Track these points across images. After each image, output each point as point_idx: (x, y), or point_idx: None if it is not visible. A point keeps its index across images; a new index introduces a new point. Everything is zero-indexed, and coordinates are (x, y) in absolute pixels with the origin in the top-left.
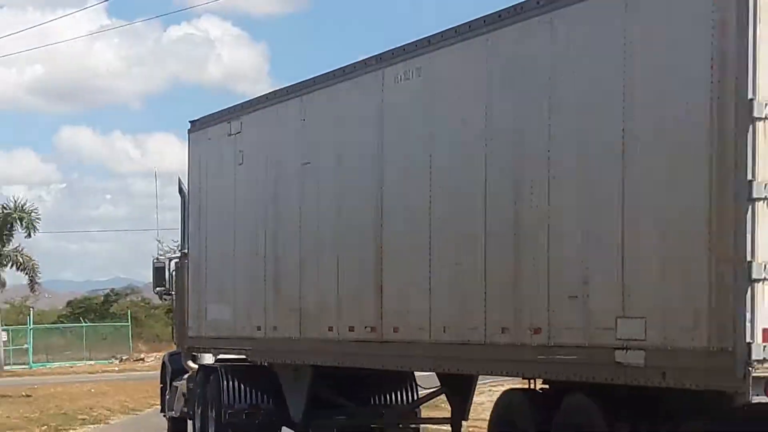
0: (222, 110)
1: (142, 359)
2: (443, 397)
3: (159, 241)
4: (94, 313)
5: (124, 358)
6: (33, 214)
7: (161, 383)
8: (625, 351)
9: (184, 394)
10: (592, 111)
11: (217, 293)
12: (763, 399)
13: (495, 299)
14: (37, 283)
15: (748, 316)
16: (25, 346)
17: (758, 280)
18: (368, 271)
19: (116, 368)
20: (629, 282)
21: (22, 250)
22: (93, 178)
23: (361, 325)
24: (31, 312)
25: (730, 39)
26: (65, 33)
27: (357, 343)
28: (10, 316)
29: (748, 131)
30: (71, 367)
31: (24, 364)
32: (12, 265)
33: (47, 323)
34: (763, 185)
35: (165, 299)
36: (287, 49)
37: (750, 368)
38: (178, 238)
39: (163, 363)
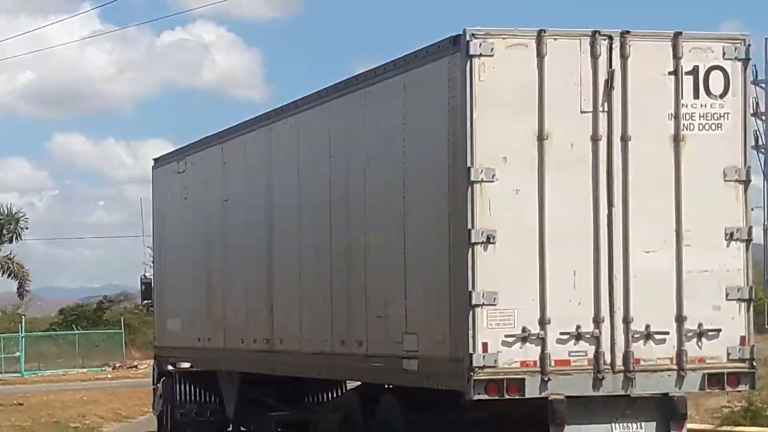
0: (175, 150)
1: (136, 366)
2: None
3: (150, 247)
4: (87, 320)
5: (117, 365)
6: (21, 221)
7: (152, 385)
8: (408, 360)
9: (160, 395)
10: (386, 169)
11: (172, 309)
12: (483, 396)
13: (337, 319)
14: (26, 290)
15: (470, 333)
16: (17, 354)
17: (477, 306)
18: (264, 295)
19: (109, 376)
20: (409, 306)
21: (13, 257)
22: (86, 185)
23: (260, 338)
24: (23, 320)
25: (457, 120)
26: (57, 39)
27: (258, 352)
28: (1, 324)
29: (467, 191)
30: (64, 375)
31: (16, 372)
32: (3, 273)
33: (39, 331)
34: (480, 232)
35: (151, 311)
36: (281, 53)
37: (472, 373)
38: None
39: (153, 367)
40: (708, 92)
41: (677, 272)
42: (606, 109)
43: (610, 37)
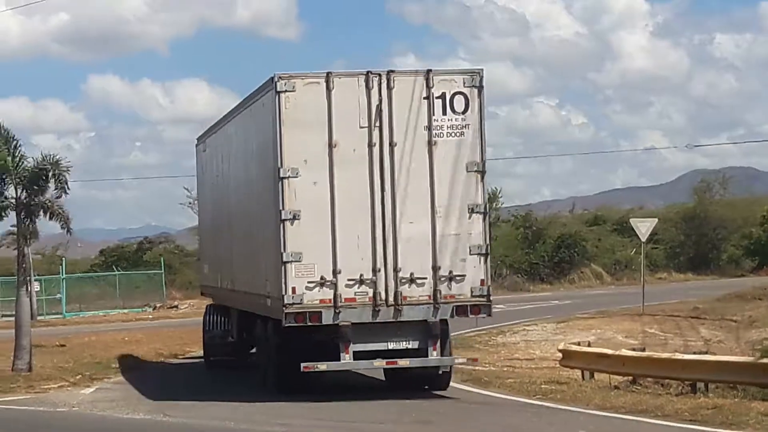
0: (203, 132)
1: (176, 306)
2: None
3: (187, 188)
4: (127, 261)
5: (157, 305)
6: (66, 171)
7: None
8: (267, 298)
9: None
10: (249, 167)
11: (207, 256)
12: (293, 324)
13: (241, 270)
14: (71, 229)
15: (283, 281)
16: (59, 295)
17: (287, 262)
18: (227, 250)
19: (150, 316)
20: (264, 263)
21: (55, 200)
22: (122, 126)
23: (229, 281)
24: (64, 261)
25: (277, 133)
26: None
27: (228, 291)
28: (42, 266)
29: (278, 184)
30: (104, 316)
31: (57, 313)
32: (46, 215)
33: (80, 272)
34: (288, 212)
35: None
36: None
37: (284, 308)
38: None
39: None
40: (453, 110)
41: (432, 236)
42: (378, 124)
43: (380, 75)
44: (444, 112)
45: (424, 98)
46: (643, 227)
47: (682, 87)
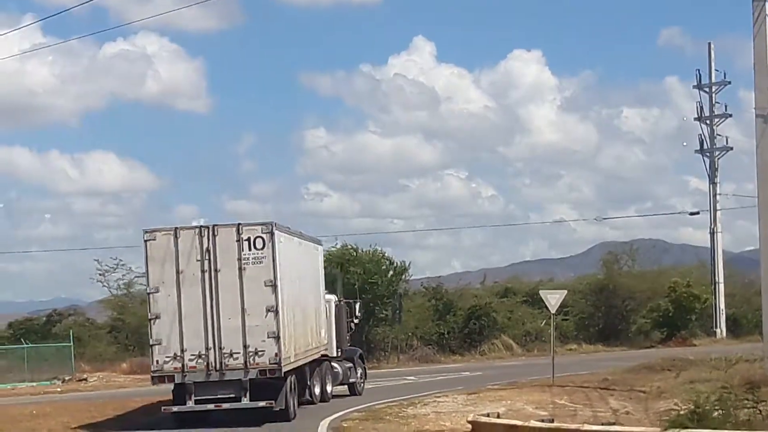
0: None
1: (85, 379)
2: None
3: (98, 261)
4: (36, 334)
5: (66, 378)
6: None
7: None
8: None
9: None
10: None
11: None
12: (161, 384)
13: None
14: None
15: (153, 356)
16: None
17: (153, 345)
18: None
19: (59, 389)
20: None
21: None
22: (32, 198)
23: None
24: None
25: (145, 265)
26: None
27: None
28: None
29: (148, 297)
30: (13, 389)
31: None
32: None
33: None
34: (153, 314)
35: None
36: (225, 64)
37: (151, 373)
38: (117, 256)
39: None
40: (255, 248)
41: (243, 327)
42: (207, 258)
43: (208, 228)
44: (249, 249)
45: (236, 241)
46: (553, 299)
47: (590, 160)
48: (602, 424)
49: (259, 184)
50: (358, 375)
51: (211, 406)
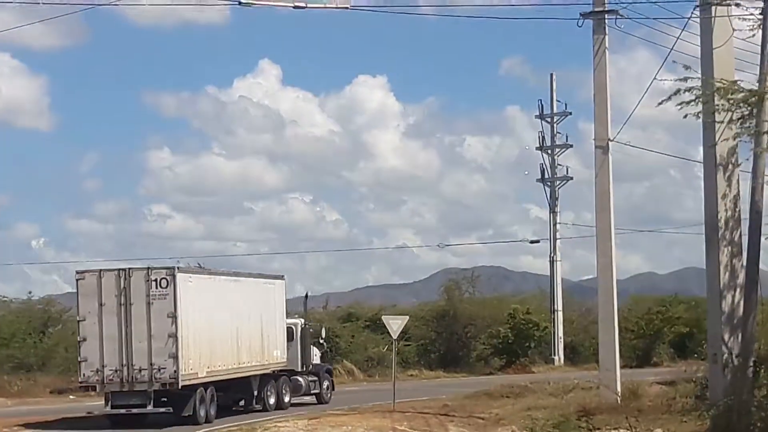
0: None
1: None
2: None
3: None
4: None
5: None
6: None
7: None
8: None
9: None
10: None
11: None
12: (84, 392)
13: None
14: None
15: (78, 370)
16: None
17: (80, 362)
18: None
19: None
20: None
21: None
22: None
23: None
24: None
25: (76, 299)
26: None
27: None
28: None
29: (77, 324)
30: None
31: None
32: None
33: None
34: (81, 337)
35: None
36: (69, 81)
37: (79, 383)
38: None
39: None
40: (160, 286)
41: (149, 348)
42: (124, 293)
43: (126, 270)
44: (156, 288)
45: (146, 281)
46: (395, 324)
47: (433, 187)
48: None
49: (102, 203)
50: (324, 387)
51: (123, 411)
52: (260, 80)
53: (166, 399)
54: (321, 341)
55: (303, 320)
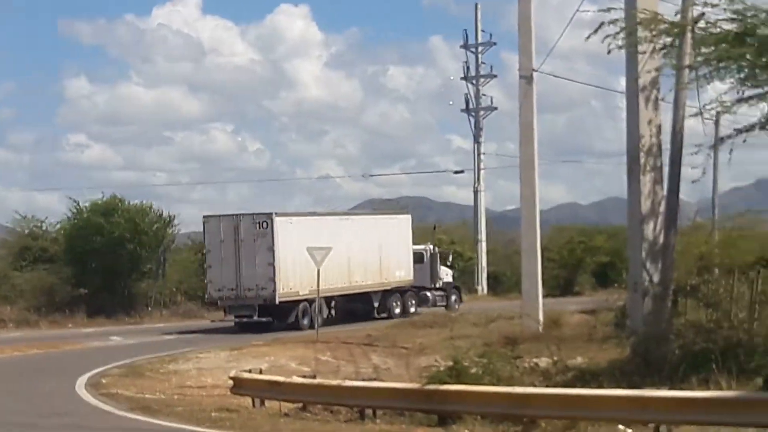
0: None
1: None
2: None
3: None
4: None
5: None
6: None
7: None
8: None
9: None
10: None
11: None
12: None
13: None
14: None
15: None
16: None
17: (207, 283)
18: None
19: None
20: None
21: None
22: None
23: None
24: None
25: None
26: None
27: None
28: None
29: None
30: None
31: None
32: None
33: None
34: (208, 264)
35: None
36: None
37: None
38: None
39: None
40: (262, 227)
41: (254, 273)
42: (237, 232)
43: (238, 216)
44: (258, 228)
45: (252, 223)
46: (319, 255)
47: (356, 117)
48: (363, 380)
49: (18, 133)
50: (452, 300)
51: (236, 320)
52: (180, 8)
53: (269, 311)
54: (448, 263)
55: (432, 246)
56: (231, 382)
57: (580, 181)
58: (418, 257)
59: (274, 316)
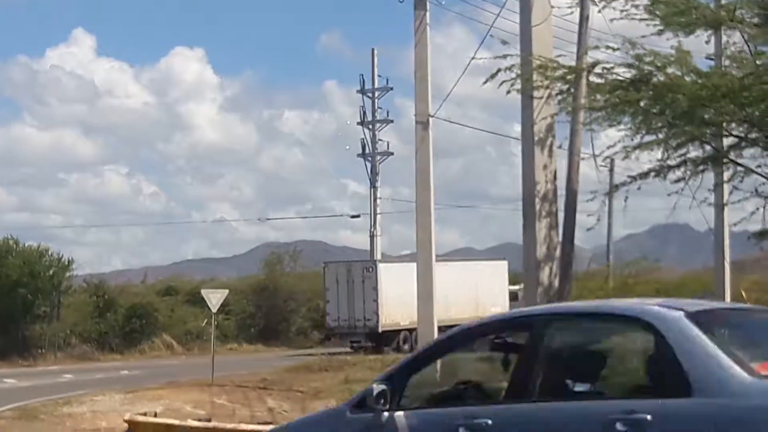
0: None
1: None
2: None
3: None
4: None
5: None
6: None
7: None
8: None
9: None
10: None
11: None
12: None
13: None
14: None
15: None
16: None
17: None
18: None
19: None
20: None
21: None
22: None
23: None
24: None
25: None
26: None
27: None
28: None
29: None
30: None
31: None
32: None
33: None
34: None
35: None
36: None
37: None
38: None
39: None
40: (368, 271)
41: (363, 308)
42: (349, 274)
43: (350, 263)
44: (366, 272)
45: (361, 268)
46: (214, 298)
47: (251, 160)
48: (258, 424)
49: None
50: None
51: (350, 345)
52: (74, 49)
53: (375, 338)
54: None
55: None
56: (126, 425)
57: (475, 227)
58: (513, 295)
59: (379, 343)
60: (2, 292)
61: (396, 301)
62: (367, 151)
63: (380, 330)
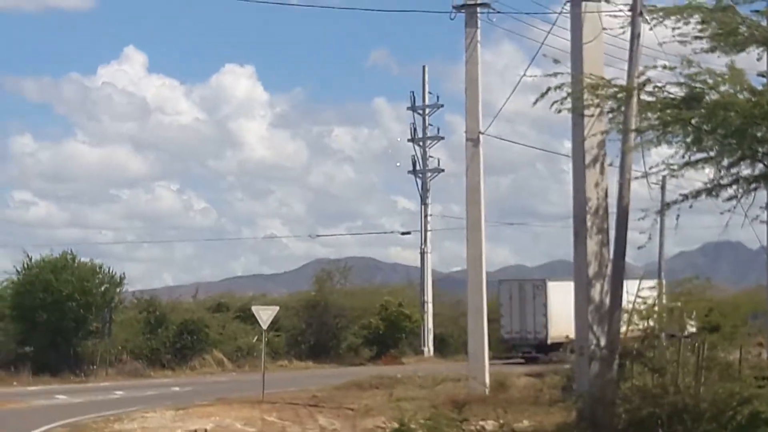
0: None
1: None
2: None
3: None
4: None
5: None
6: None
7: None
8: None
9: None
10: None
11: None
12: None
13: None
14: None
15: None
16: None
17: None
18: None
19: None
20: None
21: None
22: None
23: None
24: None
25: None
26: None
27: None
28: None
29: None
30: None
31: None
32: None
33: None
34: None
35: None
36: None
37: None
38: None
39: None
40: (538, 289)
41: (533, 322)
42: (521, 292)
43: (521, 281)
44: (535, 289)
45: (532, 286)
46: (265, 315)
47: (301, 177)
48: None
49: None
50: None
51: (521, 355)
52: (125, 67)
53: (544, 350)
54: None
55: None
56: None
57: (526, 244)
58: None
59: (547, 354)
60: (55, 307)
61: (562, 315)
62: (417, 167)
63: (549, 342)
